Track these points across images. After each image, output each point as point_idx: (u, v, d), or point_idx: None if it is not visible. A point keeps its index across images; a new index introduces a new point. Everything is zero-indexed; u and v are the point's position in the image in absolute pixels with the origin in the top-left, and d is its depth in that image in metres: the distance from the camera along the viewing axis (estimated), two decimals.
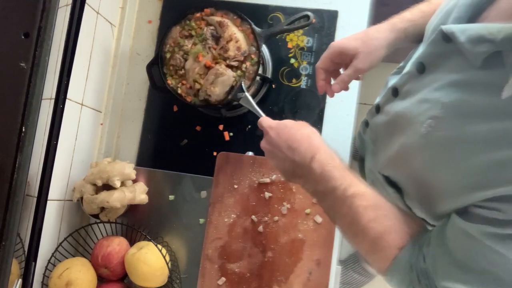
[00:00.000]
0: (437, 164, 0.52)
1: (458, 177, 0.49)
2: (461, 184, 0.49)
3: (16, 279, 0.79)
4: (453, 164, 0.50)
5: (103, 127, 1.02)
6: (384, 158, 0.65)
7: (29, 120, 0.68)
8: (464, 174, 0.48)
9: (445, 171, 0.51)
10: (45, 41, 0.69)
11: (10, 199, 0.66)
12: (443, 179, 0.51)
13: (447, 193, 0.52)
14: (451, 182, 0.50)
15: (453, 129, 0.50)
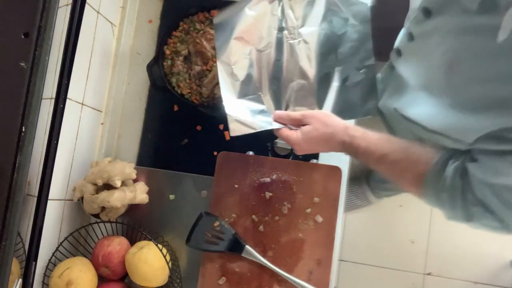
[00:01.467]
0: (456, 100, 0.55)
1: (477, 111, 0.51)
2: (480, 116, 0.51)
3: (17, 279, 0.79)
4: (472, 100, 0.52)
5: (104, 127, 1.02)
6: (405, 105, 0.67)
7: (29, 120, 0.68)
8: (488, 105, 0.50)
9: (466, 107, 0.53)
10: (45, 41, 0.69)
11: (10, 199, 0.66)
12: (466, 115, 0.54)
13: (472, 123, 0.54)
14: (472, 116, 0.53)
15: (470, 69, 0.52)
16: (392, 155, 0.65)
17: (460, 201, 0.57)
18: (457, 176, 0.57)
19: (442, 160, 0.60)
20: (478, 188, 0.54)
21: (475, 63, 0.51)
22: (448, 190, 0.58)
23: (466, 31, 0.51)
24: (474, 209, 0.56)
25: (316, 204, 0.89)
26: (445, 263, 1.68)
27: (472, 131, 0.54)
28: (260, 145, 0.90)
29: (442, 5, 0.55)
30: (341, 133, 0.72)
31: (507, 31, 0.44)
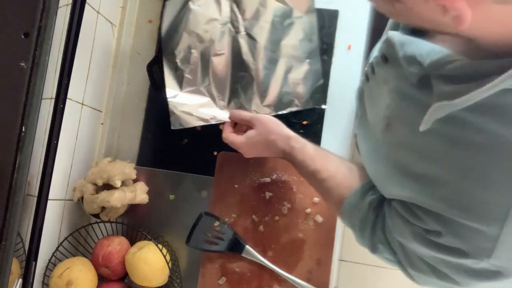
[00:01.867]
0: (387, 158, 0.55)
1: (399, 176, 0.51)
2: (400, 182, 0.51)
3: (17, 279, 0.79)
4: (399, 162, 0.52)
5: (104, 127, 1.02)
6: (358, 121, 0.69)
7: (29, 120, 0.68)
8: (403, 175, 0.50)
9: (392, 168, 0.53)
10: (45, 41, 0.69)
11: (10, 199, 0.66)
12: (391, 174, 0.54)
13: (391, 184, 0.54)
14: (394, 177, 0.53)
15: (400, 134, 0.51)
16: (322, 172, 0.69)
17: (369, 234, 0.60)
18: (371, 211, 0.60)
19: (362, 189, 0.63)
20: (388, 232, 0.56)
21: (407, 130, 0.51)
22: (360, 220, 0.61)
23: (404, 96, 0.51)
24: (379, 245, 0.59)
25: (316, 204, 0.89)
26: None
27: (390, 191, 0.55)
28: None
29: (394, 61, 0.54)
30: (282, 143, 0.75)
31: (429, 123, 0.43)
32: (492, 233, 0.42)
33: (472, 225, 0.43)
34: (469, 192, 0.43)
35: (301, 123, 0.95)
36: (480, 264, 0.44)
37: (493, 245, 0.42)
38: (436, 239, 0.47)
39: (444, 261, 0.48)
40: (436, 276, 0.51)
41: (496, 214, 0.42)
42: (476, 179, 0.43)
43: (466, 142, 0.43)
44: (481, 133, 0.42)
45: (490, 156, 0.42)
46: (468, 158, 0.43)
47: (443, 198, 0.45)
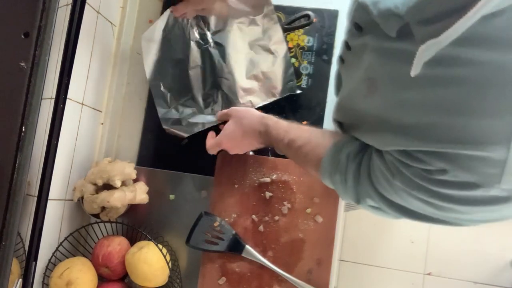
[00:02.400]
0: (377, 117, 0.55)
1: (394, 130, 0.52)
2: (395, 135, 0.52)
3: (17, 279, 0.79)
4: (392, 119, 0.52)
5: (104, 127, 1.02)
6: (338, 105, 0.69)
7: (29, 120, 0.68)
8: (401, 127, 0.51)
9: (385, 124, 0.54)
10: (45, 41, 0.69)
11: (10, 199, 0.66)
12: (384, 129, 0.54)
13: (386, 138, 0.54)
14: (389, 132, 0.53)
15: (387, 93, 0.52)
16: (297, 140, 0.72)
17: (352, 184, 0.61)
18: (350, 161, 0.61)
19: (337, 145, 0.65)
20: (375, 177, 0.57)
21: (394, 87, 0.51)
22: (340, 173, 0.62)
23: (387, 53, 0.52)
24: (364, 194, 0.60)
25: (316, 204, 0.89)
26: (445, 263, 1.69)
27: (385, 147, 0.55)
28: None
29: (368, 24, 0.55)
30: (256, 124, 0.79)
31: (419, 67, 0.43)
32: (499, 158, 0.43)
33: (478, 154, 0.44)
34: (468, 125, 0.44)
35: (301, 123, 0.95)
36: (490, 192, 0.45)
37: (501, 170, 0.43)
38: (442, 177, 0.47)
39: (448, 197, 0.48)
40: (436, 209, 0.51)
41: (500, 138, 0.42)
42: (471, 111, 0.44)
43: (455, 78, 0.44)
44: (468, 65, 0.43)
45: (481, 85, 0.43)
46: (459, 93, 0.44)
47: (443, 139, 0.46)
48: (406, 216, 0.57)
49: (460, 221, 0.53)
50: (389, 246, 1.73)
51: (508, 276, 1.66)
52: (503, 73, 0.42)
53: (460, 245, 1.67)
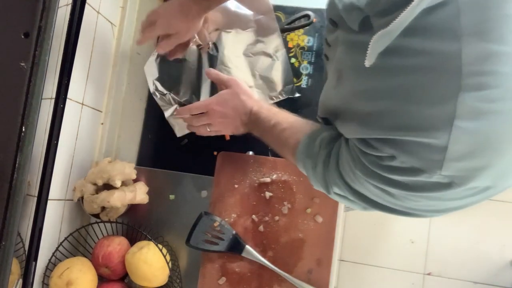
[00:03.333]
0: (344, 107, 0.58)
1: (356, 120, 0.55)
2: (356, 124, 0.54)
3: (17, 279, 0.79)
4: (353, 108, 0.55)
5: (104, 127, 1.02)
6: (319, 102, 0.71)
7: (29, 120, 0.68)
8: (359, 116, 0.53)
9: (350, 114, 0.56)
10: (45, 41, 0.69)
11: (10, 199, 0.66)
12: (349, 119, 0.57)
13: (351, 127, 0.57)
14: (352, 122, 0.56)
15: (350, 83, 0.55)
16: (283, 123, 0.74)
17: (321, 170, 0.62)
18: (322, 148, 0.63)
19: (314, 131, 0.67)
20: (342, 165, 0.59)
21: (354, 77, 0.54)
22: (312, 158, 0.64)
23: (351, 45, 0.55)
24: (331, 182, 0.61)
25: (316, 204, 0.89)
26: (445, 263, 1.69)
27: (349, 136, 0.57)
28: (260, 145, 0.90)
29: (340, 19, 0.58)
30: (251, 102, 0.81)
31: (373, 57, 0.45)
32: (440, 145, 0.44)
33: (422, 141, 0.45)
34: (413, 112, 0.46)
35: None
36: (432, 178, 0.46)
37: (442, 156, 0.45)
38: (391, 163, 0.49)
39: (397, 183, 0.50)
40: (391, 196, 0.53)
41: (442, 125, 0.44)
42: (418, 99, 0.46)
43: (405, 67, 0.46)
44: (417, 55, 0.45)
45: (428, 73, 0.45)
46: (408, 82, 0.46)
47: (392, 126, 0.48)
48: (369, 206, 0.59)
49: (414, 211, 0.55)
50: (389, 246, 1.73)
51: (508, 276, 1.66)
52: (445, 62, 0.43)
53: (460, 245, 1.67)
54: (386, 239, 1.73)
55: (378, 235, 1.74)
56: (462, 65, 0.42)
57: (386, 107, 0.48)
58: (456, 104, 0.43)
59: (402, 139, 0.47)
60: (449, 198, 0.49)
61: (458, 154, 0.44)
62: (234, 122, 0.84)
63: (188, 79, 0.93)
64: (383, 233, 1.74)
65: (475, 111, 0.43)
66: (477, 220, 1.67)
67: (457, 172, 0.45)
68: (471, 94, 0.42)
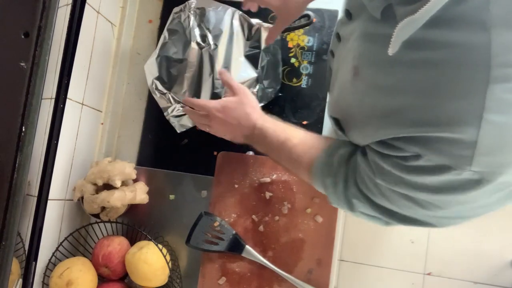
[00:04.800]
0: (360, 107, 0.55)
1: (374, 120, 0.52)
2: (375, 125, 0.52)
3: (17, 279, 0.79)
4: (370, 107, 0.53)
5: (104, 127, 1.02)
6: (331, 100, 0.69)
7: (29, 120, 0.68)
8: (378, 116, 0.51)
9: (366, 113, 0.54)
10: (45, 41, 0.69)
11: (10, 199, 0.66)
12: (366, 121, 0.55)
13: (368, 130, 0.55)
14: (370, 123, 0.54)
15: (368, 77, 0.53)
16: (293, 139, 0.70)
17: (342, 189, 0.60)
18: (342, 165, 0.61)
19: (331, 147, 0.64)
20: (361, 181, 0.57)
21: (373, 71, 0.52)
22: (332, 176, 0.62)
23: (371, 37, 0.53)
24: (354, 200, 0.59)
25: (316, 204, 0.89)
26: (445, 263, 1.68)
27: (367, 138, 0.55)
28: None
29: (358, 9, 0.56)
30: (256, 115, 0.76)
31: (397, 45, 0.44)
32: (469, 140, 0.43)
33: (449, 136, 0.44)
34: (440, 107, 0.44)
35: (301, 123, 0.95)
36: (462, 175, 0.45)
37: (472, 152, 0.43)
38: (416, 163, 0.47)
39: (424, 186, 0.48)
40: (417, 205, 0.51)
41: (470, 119, 0.42)
42: (444, 93, 0.44)
43: (431, 60, 0.45)
44: (442, 47, 0.44)
45: (452, 66, 0.43)
46: (434, 75, 0.45)
47: (416, 122, 0.46)
48: (394, 220, 0.57)
49: (439, 219, 0.53)
50: (389, 246, 1.73)
51: (508, 276, 1.66)
52: (473, 54, 0.42)
53: (460, 245, 1.67)
54: (386, 239, 1.73)
55: (378, 235, 1.74)
56: (491, 57, 0.41)
57: (408, 102, 0.47)
58: (485, 97, 0.41)
59: (427, 136, 0.45)
60: (478, 198, 0.48)
61: (488, 149, 0.43)
62: (233, 132, 0.79)
63: (188, 79, 0.93)
64: (383, 233, 1.74)
65: (505, 103, 0.42)
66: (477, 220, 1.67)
67: (487, 167, 0.44)
68: (501, 86, 0.41)
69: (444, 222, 0.54)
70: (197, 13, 0.92)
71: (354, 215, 0.62)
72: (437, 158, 0.45)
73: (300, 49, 0.97)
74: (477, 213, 0.51)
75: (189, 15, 0.92)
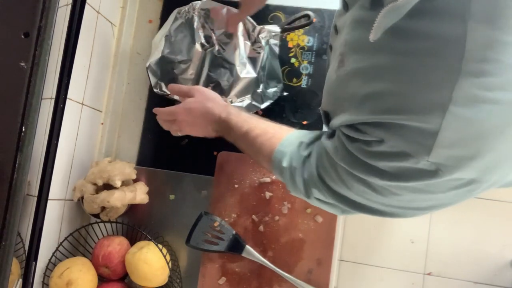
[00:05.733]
0: (343, 94, 0.56)
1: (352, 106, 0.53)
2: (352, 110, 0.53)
3: (17, 279, 0.79)
4: (349, 94, 0.53)
5: (104, 127, 1.02)
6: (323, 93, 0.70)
7: (29, 120, 0.68)
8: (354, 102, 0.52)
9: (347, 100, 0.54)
10: (45, 41, 0.69)
11: (10, 199, 0.66)
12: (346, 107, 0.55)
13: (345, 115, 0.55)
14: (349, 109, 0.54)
15: (351, 64, 0.53)
16: (255, 130, 0.71)
17: (300, 175, 0.61)
18: (302, 152, 0.61)
19: (291, 137, 0.65)
20: (321, 164, 0.57)
21: (356, 58, 0.52)
22: (290, 162, 0.62)
23: (358, 25, 0.53)
24: (311, 185, 0.60)
25: None
26: (445, 263, 1.68)
27: (340, 121, 0.56)
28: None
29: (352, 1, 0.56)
30: (219, 109, 0.78)
31: (378, 32, 0.44)
32: (431, 130, 0.43)
33: (413, 125, 0.44)
34: (411, 96, 0.45)
35: (301, 123, 0.95)
36: (419, 164, 0.45)
37: (432, 142, 0.44)
38: (378, 148, 0.48)
39: (382, 171, 0.49)
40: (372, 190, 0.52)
41: (436, 110, 0.43)
42: (417, 82, 0.45)
43: (410, 49, 0.45)
44: (423, 38, 0.44)
45: (431, 56, 0.44)
46: (411, 63, 0.45)
47: (386, 109, 0.47)
48: (350, 208, 0.57)
49: (394, 208, 0.54)
50: (389, 246, 1.73)
51: (508, 276, 1.66)
52: (449, 46, 0.42)
53: (460, 245, 1.67)
54: (386, 239, 1.73)
55: (378, 235, 1.74)
56: (465, 50, 0.41)
57: (383, 88, 0.47)
58: (453, 89, 0.42)
59: (393, 122, 0.46)
60: (432, 190, 0.48)
61: (448, 141, 0.43)
62: (204, 129, 0.81)
63: (192, 80, 0.93)
64: (383, 233, 1.73)
65: (472, 98, 0.42)
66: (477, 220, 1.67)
67: (444, 160, 0.44)
68: (471, 80, 0.41)
69: (399, 212, 0.55)
70: (201, 14, 0.92)
71: (310, 202, 0.63)
72: (398, 144, 0.46)
73: (300, 49, 0.97)
74: (431, 206, 0.52)
75: (194, 16, 0.92)
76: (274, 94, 0.94)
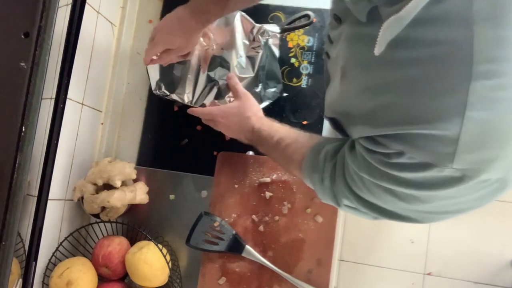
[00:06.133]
0: (348, 106, 0.56)
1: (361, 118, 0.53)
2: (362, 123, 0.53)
3: (17, 279, 0.79)
4: (358, 107, 0.53)
5: (104, 127, 1.02)
6: (326, 101, 0.70)
7: (29, 120, 0.68)
8: (365, 115, 0.52)
9: (355, 113, 0.55)
10: (45, 41, 0.69)
11: (10, 199, 0.66)
12: (355, 119, 0.55)
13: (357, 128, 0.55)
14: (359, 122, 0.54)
15: (355, 78, 0.53)
16: (286, 139, 0.73)
17: (329, 183, 0.61)
18: (327, 161, 0.61)
19: (319, 144, 0.66)
20: (348, 173, 0.57)
21: (359, 72, 0.53)
22: (318, 172, 0.63)
23: (356, 39, 0.53)
24: (340, 194, 0.60)
25: (316, 204, 0.89)
26: (445, 263, 1.68)
27: (355, 134, 0.56)
28: None
29: (344, 13, 0.56)
30: (255, 119, 0.81)
31: (383, 45, 0.44)
32: (451, 137, 0.43)
33: (431, 133, 0.44)
34: (423, 104, 0.44)
35: (301, 123, 0.95)
36: (444, 172, 0.45)
37: (454, 149, 0.43)
38: (399, 160, 0.47)
39: (407, 181, 0.49)
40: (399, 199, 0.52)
41: (453, 116, 0.42)
42: (427, 90, 0.44)
43: (415, 59, 0.45)
44: (427, 45, 0.44)
45: (438, 63, 0.43)
46: (418, 73, 0.45)
47: (400, 120, 0.46)
48: (380, 215, 0.57)
49: (422, 214, 0.53)
50: (389, 246, 1.73)
51: (508, 276, 1.66)
52: (456, 51, 0.42)
53: (460, 245, 1.67)
54: (386, 239, 1.73)
55: (378, 235, 1.74)
56: (473, 53, 0.41)
57: (393, 100, 0.47)
58: (467, 94, 0.41)
59: (410, 133, 0.46)
60: (461, 194, 0.48)
61: (469, 146, 0.43)
62: (236, 134, 0.85)
63: (191, 80, 0.93)
64: (383, 233, 1.73)
65: (487, 99, 0.41)
66: (477, 220, 1.67)
67: (469, 164, 0.44)
68: (483, 82, 0.41)
69: (428, 218, 0.54)
70: None
71: (341, 210, 0.64)
72: (419, 155, 0.46)
73: (300, 49, 0.97)
74: (461, 209, 0.52)
75: None
76: (273, 94, 0.94)
